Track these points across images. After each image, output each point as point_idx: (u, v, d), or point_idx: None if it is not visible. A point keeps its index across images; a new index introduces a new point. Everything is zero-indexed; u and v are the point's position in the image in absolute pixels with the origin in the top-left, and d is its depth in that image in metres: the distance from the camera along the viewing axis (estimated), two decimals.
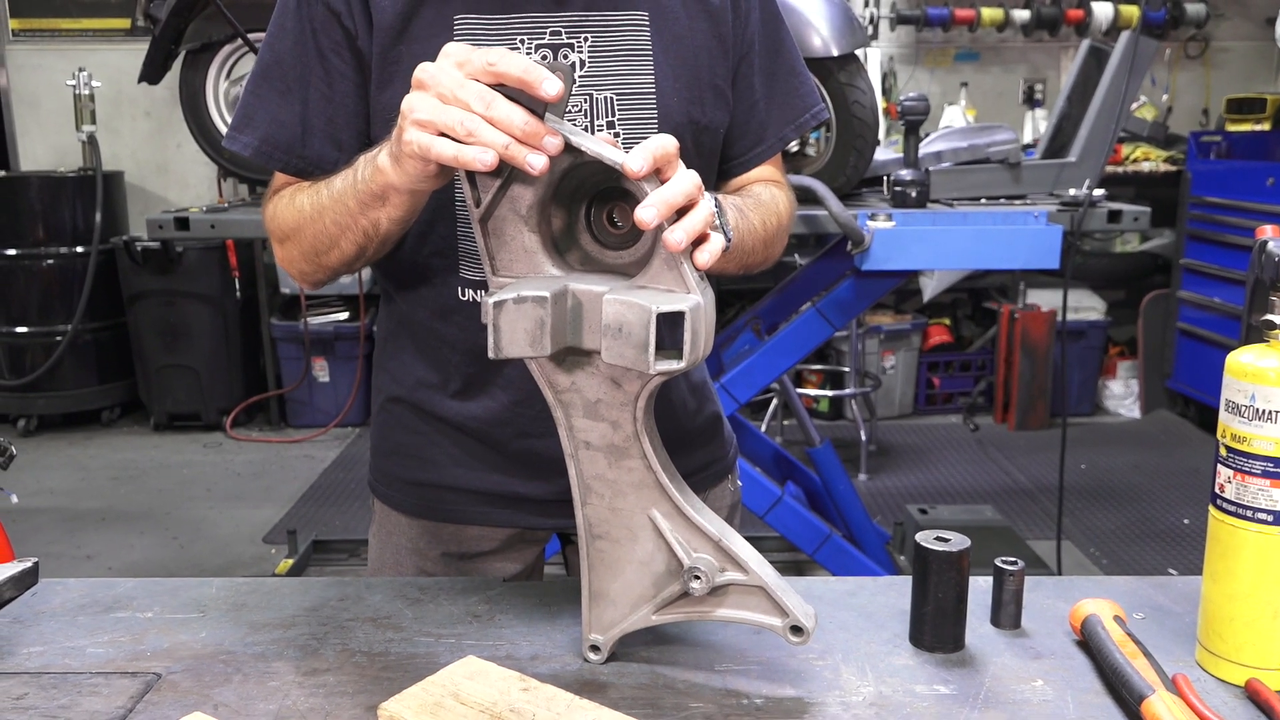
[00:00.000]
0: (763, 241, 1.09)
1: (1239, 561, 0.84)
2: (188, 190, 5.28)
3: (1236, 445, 0.83)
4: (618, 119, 1.05)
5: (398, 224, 0.95)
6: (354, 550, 3.38)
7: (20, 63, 5.18)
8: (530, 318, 0.79)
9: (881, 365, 4.89)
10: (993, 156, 2.72)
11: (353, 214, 0.95)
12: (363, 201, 0.93)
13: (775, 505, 2.68)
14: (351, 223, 0.95)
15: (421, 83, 0.82)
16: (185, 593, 1.03)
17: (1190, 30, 5.22)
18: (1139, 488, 4.07)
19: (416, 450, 1.18)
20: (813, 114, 1.18)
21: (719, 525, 0.85)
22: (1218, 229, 4.58)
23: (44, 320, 4.77)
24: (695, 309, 0.78)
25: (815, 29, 2.44)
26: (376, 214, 0.93)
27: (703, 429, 1.23)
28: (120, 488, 4.19)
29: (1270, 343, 0.83)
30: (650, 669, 0.88)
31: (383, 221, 0.94)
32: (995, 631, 0.95)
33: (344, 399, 4.87)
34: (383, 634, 0.94)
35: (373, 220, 0.94)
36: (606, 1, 1.04)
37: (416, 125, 0.81)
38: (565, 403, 0.86)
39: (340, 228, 0.97)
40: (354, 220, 0.95)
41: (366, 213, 0.94)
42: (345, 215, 0.95)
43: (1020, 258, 2.40)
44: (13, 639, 0.93)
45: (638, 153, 0.78)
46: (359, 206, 0.93)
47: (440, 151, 0.80)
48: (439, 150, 0.80)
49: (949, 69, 5.31)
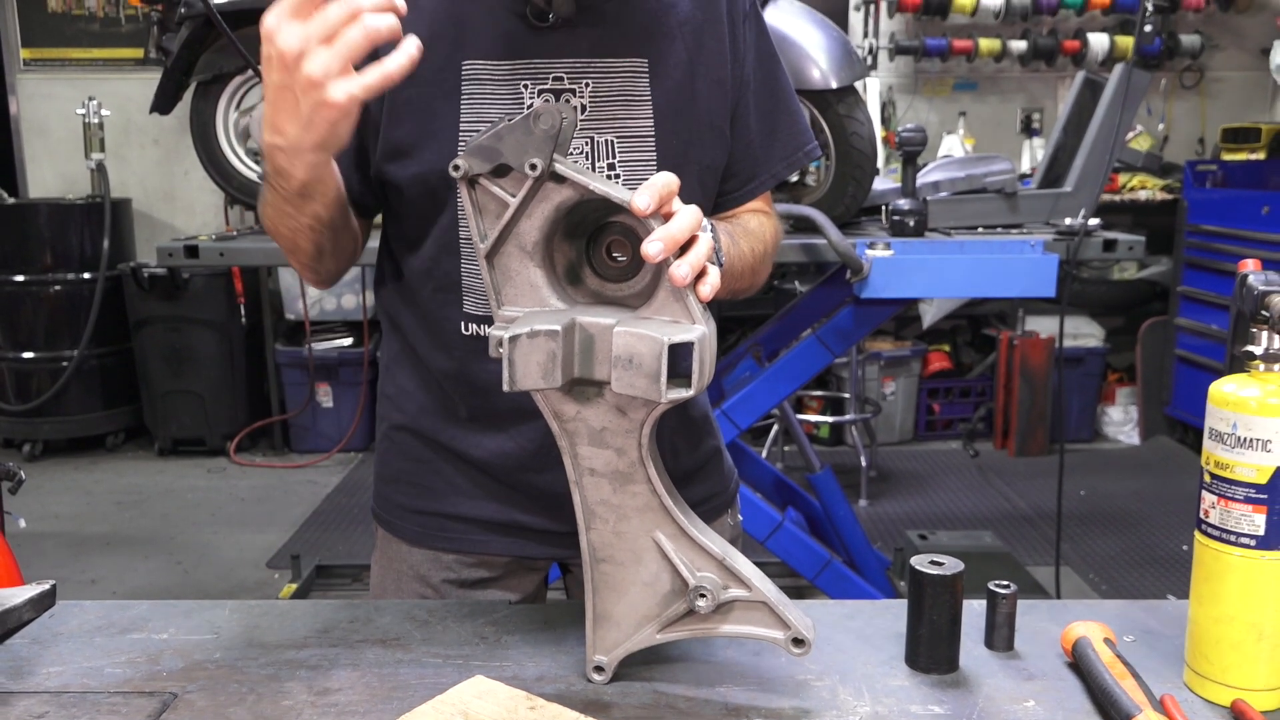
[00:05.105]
0: (750, 269, 1.15)
1: (1224, 585, 0.87)
2: (194, 217, 5.33)
3: (1220, 472, 0.86)
4: (618, 160, 1.09)
5: (333, 205, 1.03)
6: (357, 575, 3.40)
7: (31, 91, 5.25)
8: (543, 351, 0.82)
9: (882, 391, 4.92)
10: (989, 186, 2.76)
11: (294, 217, 1.03)
12: (295, 205, 1.00)
13: (776, 530, 2.70)
14: (297, 224, 1.04)
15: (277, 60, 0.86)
16: (199, 615, 1.05)
17: (1186, 61, 5.28)
18: (1138, 514, 4.09)
19: (418, 478, 1.21)
20: (805, 152, 1.22)
21: (721, 545, 0.88)
22: (1214, 257, 4.62)
23: (50, 346, 4.80)
24: (703, 339, 0.81)
25: (814, 62, 2.49)
26: (313, 210, 1.01)
27: (702, 463, 1.25)
28: (125, 513, 4.21)
29: (1251, 373, 0.86)
30: (653, 688, 0.91)
31: (320, 212, 1.02)
32: (989, 653, 0.98)
33: (347, 424, 4.90)
34: (392, 654, 0.97)
35: (311, 216, 1.02)
36: (607, 49, 1.08)
37: (313, 86, 0.85)
38: (570, 431, 0.89)
39: (293, 230, 1.05)
40: (297, 221, 1.03)
41: (303, 211, 1.01)
42: (290, 219, 1.03)
43: (1017, 286, 2.43)
44: (32, 659, 0.96)
45: (644, 191, 0.82)
46: (295, 210, 1.01)
47: (356, 87, 0.86)
48: (357, 86, 0.86)
49: (947, 98, 5.37)
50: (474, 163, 0.85)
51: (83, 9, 5.18)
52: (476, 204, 0.87)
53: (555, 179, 0.85)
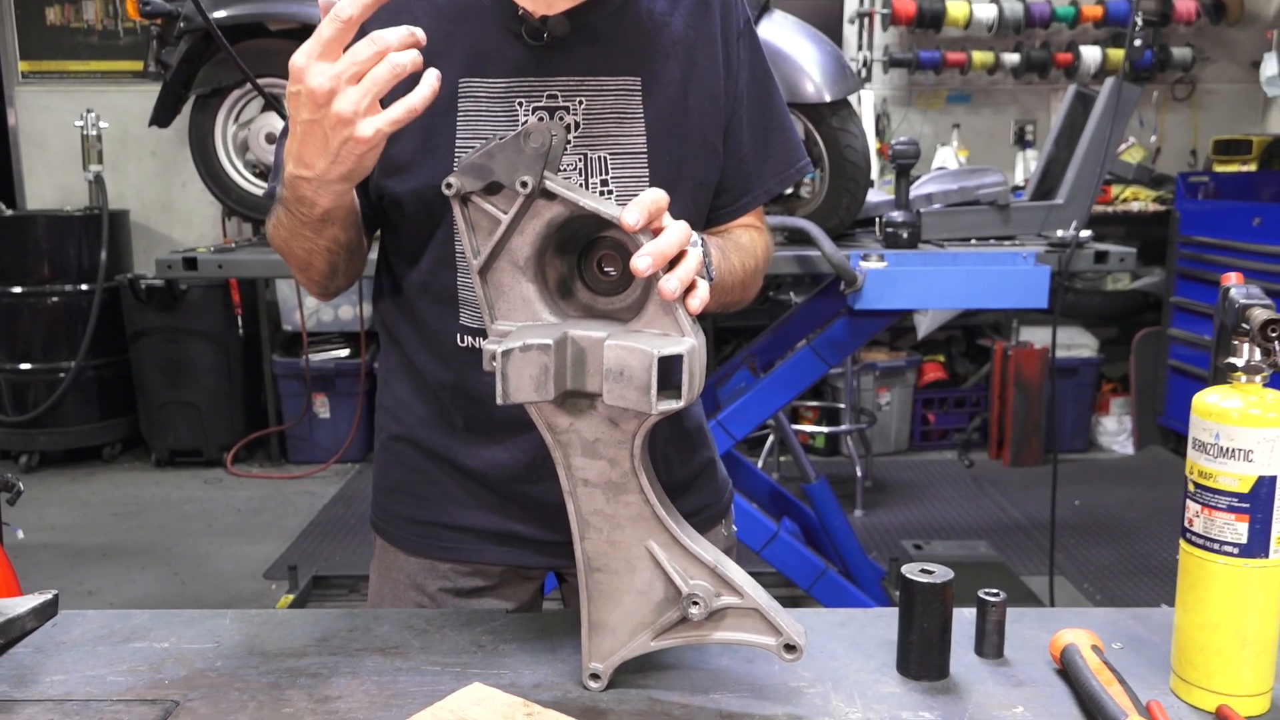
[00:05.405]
0: (741, 283, 1.16)
1: (1208, 592, 0.89)
2: (191, 229, 5.35)
3: (1203, 481, 0.88)
4: (611, 176, 1.11)
5: (351, 228, 1.06)
6: (353, 585, 3.40)
7: (29, 104, 5.27)
8: (535, 364, 0.84)
9: (877, 402, 4.93)
10: (982, 199, 2.78)
11: (313, 240, 1.05)
12: (314, 229, 1.03)
13: (771, 541, 2.71)
14: (314, 246, 1.06)
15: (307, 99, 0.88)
16: (200, 624, 1.07)
17: (1177, 73, 5.33)
18: (1133, 523, 4.10)
19: (415, 488, 1.22)
20: (798, 169, 1.24)
21: (713, 553, 0.90)
22: (1206, 268, 4.65)
23: (48, 357, 4.81)
24: (691, 351, 0.83)
25: (808, 76, 2.51)
26: (331, 234, 1.04)
27: (696, 474, 1.27)
28: (121, 524, 4.21)
29: (1233, 384, 0.88)
30: (648, 694, 0.92)
31: (339, 235, 1.05)
32: (979, 660, 0.99)
33: (344, 435, 4.90)
34: (391, 662, 0.98)
35: (330, 239, 1.05)
36: (601, 67, 1.10)
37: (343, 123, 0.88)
38: (564, 443, 0.91)
39: (308, 252, 1.07)
40: (315, 244, 1.05)
41: (322, 235, 1.04)
42: (307, 242, 1.05)
43: (1009, 298, 2.45)
44: (35, 668, 0.97)
45: (633, 207, 0.84)
46: (313, 233, 1.03)
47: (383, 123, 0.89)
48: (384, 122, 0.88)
49: (941, 110, 5.41)
50: (466, 181, 0.88)
51: (81, 22, 5.21)
52: (469, 221, 0.89)
53: (546, 196, 0.87)
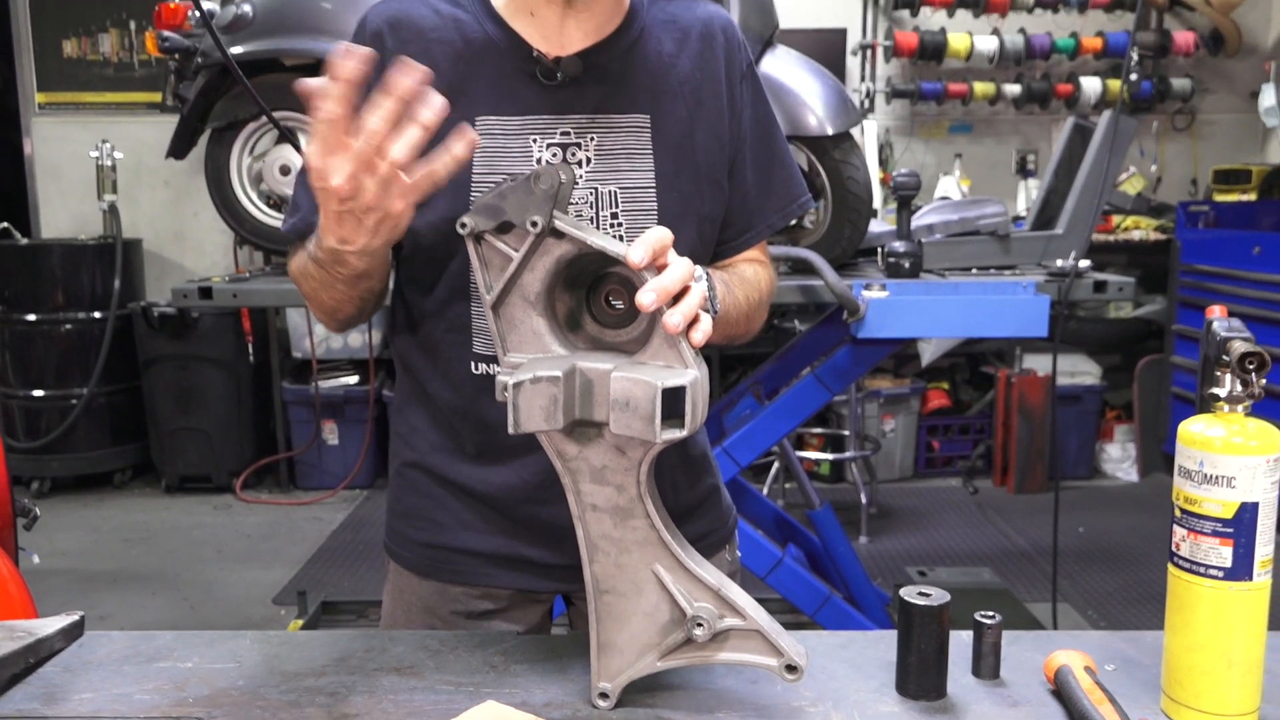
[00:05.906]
0: (745, 316, 1.20)
1: (1195, 614, 0.92)
2: (204, 257, 5.41)
3: (1189, 507, 0.91)
4: (621, 210, 1.15)
5: (385, 278, 1.12)
6: (362, 611, 3.42)
7: (45, 134, 5.36)
8: (545, 395, 0.88)
9: (881, 429, 4.96)
10: (983, 229, 2.83)
11: (345, 292, 1.09)
12: (349, 283, 1.06)
13: (776, 567, 2.73)
14: (345, 297, 1.10)
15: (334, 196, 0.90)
16: (221, 644, 1.10)
17: (1177, 104, 5.39)
18: (1136, 550, 4.12)
19: (427, 513, 1.26)
20: (799, 204, 1.28)
21: (717, 576, 0.93)
22: (1207, 296, 4.68)
23: (60, 384, 4.86)
24: (694, 383, 0.87)
25: (811, 109, 2.57)
26: (366, 285, 1.08)
27: (700, 500, 1.30)
28: (132, 549, 4.25)
29: (1216, 413, 0.92)
30: (655, 713, 0.95)
31: (375, 286, 1.10)
32: (975, 681, 1.02)
33: (353, 461, 4.94)
34: (407, 682, 1.01)
35: (364, 290, 1.09)
36: (611, 105, 1.15)
37: (372, 209, 0.91)
38: (573, 470, 0.95)
39: (339, 301, 1.11)
40: (348, 295, 1.10)
41: (356, 288, 1.08)
42: (339, 294, 1.09)
43: (1009, 326, 2.49)
44: (65, 686, 1.01)
45: (638, 245, 0.88)
46: (347, 286, 1.07)
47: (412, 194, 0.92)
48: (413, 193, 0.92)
49: (943, 140, 5.47)
50: (479, 220, 0.93)
51: (97, 54, 5.31)
52: (483, 258, 0.94)
53: (555, 234, 0.92)
